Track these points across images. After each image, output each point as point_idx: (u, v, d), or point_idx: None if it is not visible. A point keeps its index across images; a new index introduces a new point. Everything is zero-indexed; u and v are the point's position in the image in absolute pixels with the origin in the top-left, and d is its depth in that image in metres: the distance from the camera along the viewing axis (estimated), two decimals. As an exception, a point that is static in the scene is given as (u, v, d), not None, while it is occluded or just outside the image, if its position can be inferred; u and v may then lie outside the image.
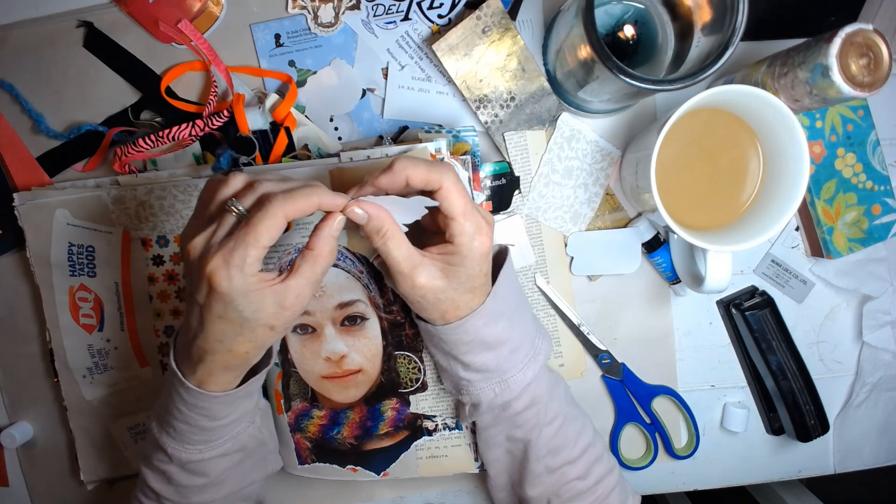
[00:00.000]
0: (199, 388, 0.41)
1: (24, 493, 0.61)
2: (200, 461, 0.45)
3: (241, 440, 0.46)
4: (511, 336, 0.45)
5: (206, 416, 0.43)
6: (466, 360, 0.45)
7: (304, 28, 0.54)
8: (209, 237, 0.39)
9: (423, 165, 0.40)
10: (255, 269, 0.37)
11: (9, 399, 0.60)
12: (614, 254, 0.55)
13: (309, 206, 0.38)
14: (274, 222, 0.37)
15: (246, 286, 0.37)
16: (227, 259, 0.37)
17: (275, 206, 0.37)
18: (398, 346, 0.52)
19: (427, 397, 0.53)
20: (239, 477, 0.49)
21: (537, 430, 0.47)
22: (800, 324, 0.57)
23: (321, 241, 0.39)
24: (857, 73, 0.40)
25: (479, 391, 0.46)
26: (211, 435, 0.44)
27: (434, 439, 0.53)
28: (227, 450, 0.46)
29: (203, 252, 0.38)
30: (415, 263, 0.41)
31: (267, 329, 0.40)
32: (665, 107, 0.55)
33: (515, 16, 0.53)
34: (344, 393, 0.53)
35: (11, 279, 0.58)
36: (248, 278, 0.37)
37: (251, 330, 0.39)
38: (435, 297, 0.42)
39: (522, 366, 0.46)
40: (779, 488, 0.71)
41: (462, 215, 0.40)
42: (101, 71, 0.56)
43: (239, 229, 0.37)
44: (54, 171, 0.57)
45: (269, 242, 0.37)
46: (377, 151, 0.51)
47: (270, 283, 0.38)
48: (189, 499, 0.46)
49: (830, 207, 0.53)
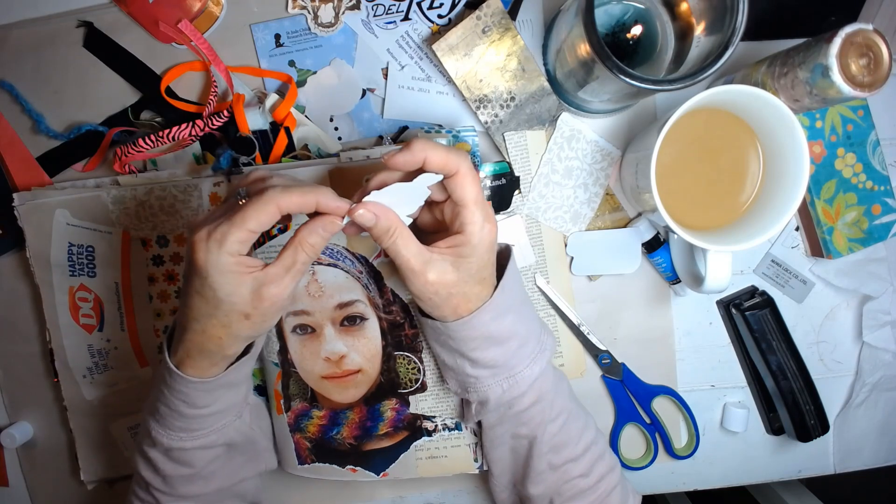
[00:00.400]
0: (178, 369, 0.42)
1: (24, 493, 0.61)
2: (182, 449, 0.45)
3: (226, 434, 0.46)
4: (518, 331, 0.45)
5: (184, 401, 0.43)
6: (474, 357, 0.45)
7: (304, 28, 0.54)
8: (209, 214, 0.40)
9: (442, 148, 0.40)
10: (234, 248, 0.38)
11: (9, 399, 0.60)
12: (614, 254, 0.55)
13: (305, 202, 0.38)
14: (264, 208, 0.37)
15: (221, 263, 0.38)
16: (211, 233, 0.38)
17: (270, 194, 0.37)
18: (398, 346, 0.52)
19: (427, 398, 0.53)
20: (228, 473, 0.49)
21: (542, 426, 0.47)
22: (800, 324, 0.57)
23: (308, 231, 0.39)
24: (857, 73, 0.40)
25: (487, 388, 0.46)
26: (191, 423, 0.44)
27: (434, 440, 0.53)
28: (211, 442, 0.46)
29: (197, 225, 0.39)
30: (425, 259, 0.41)
31: (241, 316, 0.40)
32: (665, 107, 0.55)
33: (515, 16, 0.53)
34: (343, 393, 0.53)
35: (11, 279, 0.58)
36: (224, 256, 0.37)
37: (225, 314, 0.39)
38: (447, 291, 0.42)
39: (529, 361, 0.46)
40: (779, 488, 0.71)
41: (474, 203, 0.41)
42: (101, 71, 0.56)
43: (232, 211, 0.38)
44: (54, 171, 0.57)
45: (256, 227, 0.37)
46: (377, 151, 0.51)
47: (250, 268, 0.39)
48: (176, 489, 0.46)
49: (830, 207, 0.53)
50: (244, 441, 0.49)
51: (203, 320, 0.40)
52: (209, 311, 0.40)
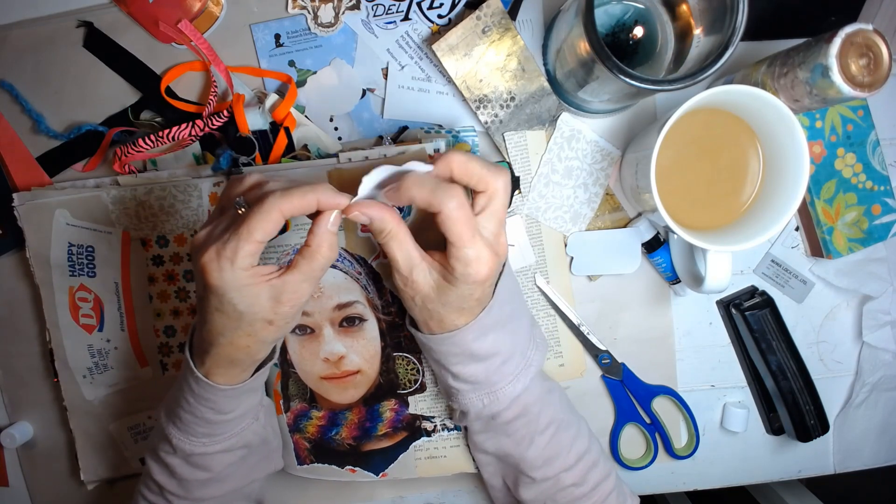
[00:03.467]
0: (207, 378, 0.42)
1: (24, 493, 0.61)
2: (203, 454, 0.45)
3: (245, 437, 0.47)
4: (501, 348, 0.44)
5: (211, 408, 0.43)
6: (455, 371, 0.45)
7: (304, 28, 0.54)
8: (211, 231, 0.39)
9: (427, 185, 0.38)
10: (246, 262, 0.37)
11: (9, 399, 0.60)
12: (614, 254, 0.55)
13: (306, 203, 0.37)
14: (269, 217, 0.36)
15: (237, 280, 0.37)
16: (220, 251, 0.37)
17: (270, 201, 0.36)
18: (397, 347, 0.52)
19: (426, 398, 0.53)
20: (242, 474, 0.49)
21: (528, 438, 0.47)
22: (800, 324, 0.57)
23: (317, 237, 0.38)
24: (857, 73, 0.40)
25: (468, 401, 0.46)
26: (215, 429, 0.44)
27: (433, 440, 0.53)
28: (232, 445, 0.46)
29: (202, 244, 0.38)
30: (413, 265, 0.41)
31: (265, 323, 0.39)
32: (665, 107, 0.55)
33: (515, 16, 0.53)
34: (342, 394, 0.53)
35: (11, 279, 0.58)
36: (238, 272, 0.37)
37: (249, 324, 0.39)
38: (423, 304, 0.42)
39: (512, 378, 0.45)
40: (779, 488, 0.71)
41: (460, 241, 0.39)
42: (101, 71, 0.56)
43: (235, 224, 0.37)
44: (54, 171, 0.57)
45: (263, 237, 0.37)
46: (375, 152, 0.51)
47: (266, 277, 0.38)
48: (192, 493, 0.46)
49: (830, 207, 0.53)
50: (259, 442, 0.49)
51: (229, 334, 0.40)
52: (233, 325, 0.39)
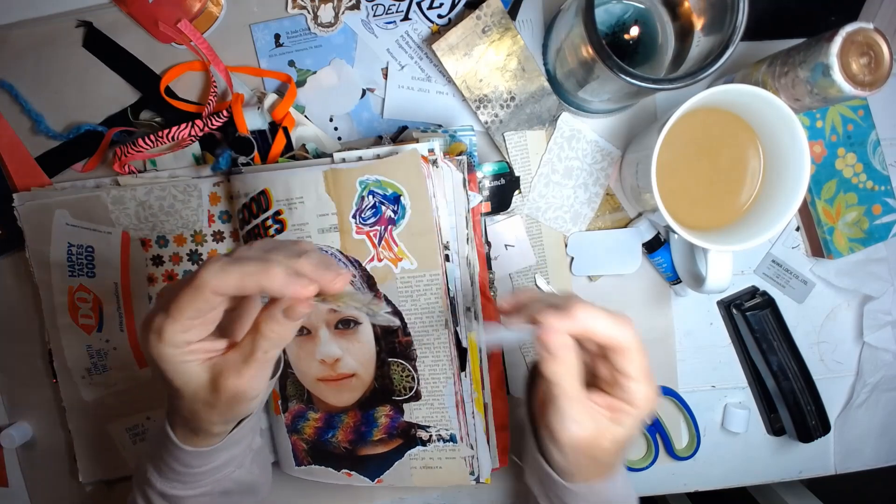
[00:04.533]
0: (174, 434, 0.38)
1: (23, 494, 0.61)
2: (176, 497, 0.41)
3: (223, 484, 0.42)
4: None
5: (175, 460, 0.39)
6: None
7: (304, 28, 0.54)
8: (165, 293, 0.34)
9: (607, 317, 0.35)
10: (179, 339, 0.33)
11: (8, 399, 0.60)
12: (614, 254, 0.55)
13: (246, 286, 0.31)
14: (199, 295, 0.31)
15: (166, 355, 0.33)
16: (150, 321, 0.33)
17: (203, 276, 0.31)
18: (391, 352, 0.52)
19: (421, 407, 0.52)
20: None
21: None
22: (800, 324, 0.57)
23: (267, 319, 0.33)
24: (857, 72, 0.40)
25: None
26: (186, 478, 0.40)
27: (428, 450, 0.53)
28: (209, 491, 0.42)
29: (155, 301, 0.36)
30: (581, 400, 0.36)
31: (205, 405, 0.35)
32: (665, 106, 0.55)
33: (515, 16, 0.53)
34: (338, 396, 0.53)
35: (11, 279, 0.58)
36: (167, 348, 0.33)
37: (189, 401, 0.35)
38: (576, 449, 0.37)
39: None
40: (779, 489, 0.71)
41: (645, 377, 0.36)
42: (100, 71, 0.56)
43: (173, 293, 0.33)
44: (54, 172, 0.57)
45: (194, 316, 0.32)
46: (369, 152, 0.50)
47: (208, 353, 0.34)
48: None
49: (831, 207, 0.53)
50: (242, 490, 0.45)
51: (177, 403, 0.36)
52: (176, 397, 0.35)
